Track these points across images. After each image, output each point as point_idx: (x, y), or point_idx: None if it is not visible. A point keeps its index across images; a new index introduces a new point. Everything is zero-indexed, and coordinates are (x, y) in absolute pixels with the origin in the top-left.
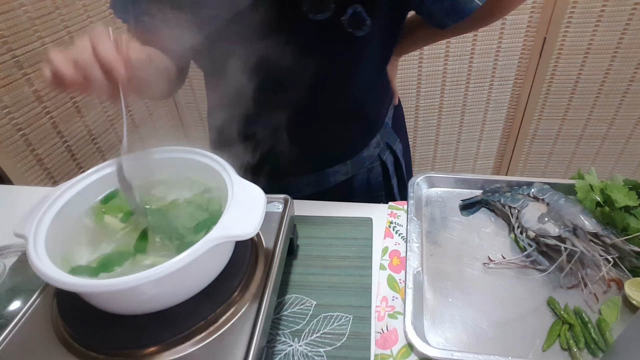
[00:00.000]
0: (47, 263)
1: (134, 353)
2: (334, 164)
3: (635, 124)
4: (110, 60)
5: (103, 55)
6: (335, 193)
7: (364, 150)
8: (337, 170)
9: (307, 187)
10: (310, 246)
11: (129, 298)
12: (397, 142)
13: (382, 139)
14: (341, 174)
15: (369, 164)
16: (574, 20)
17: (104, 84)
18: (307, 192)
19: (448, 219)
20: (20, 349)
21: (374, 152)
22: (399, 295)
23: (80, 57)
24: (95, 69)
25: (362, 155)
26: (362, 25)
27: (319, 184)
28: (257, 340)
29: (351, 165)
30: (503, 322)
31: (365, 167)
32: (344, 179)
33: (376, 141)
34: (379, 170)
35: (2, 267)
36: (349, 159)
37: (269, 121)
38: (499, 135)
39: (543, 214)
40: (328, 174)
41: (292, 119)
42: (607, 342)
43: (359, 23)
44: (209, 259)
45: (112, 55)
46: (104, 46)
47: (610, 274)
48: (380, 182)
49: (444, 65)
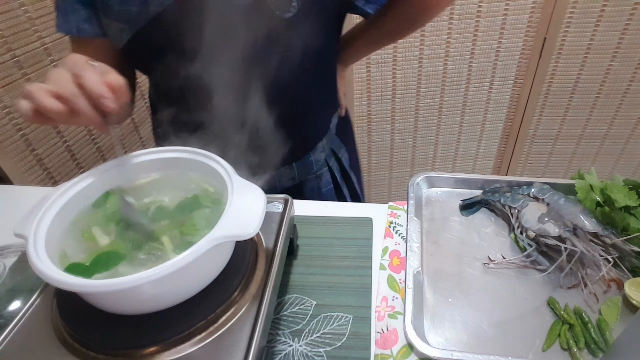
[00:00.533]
0: (47, 263)
1: (134, 353)
2: (279, 165)
3: (635, 124)
4: (99, 90)
5: (90, 85)
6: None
7: (310, 154)
8: (282, 174)
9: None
10: (310, 246)
11: (129, 298)
12: (343, 150)
13: (327, 144)
14: (288, 179)
15: (317, 169)
16: (574, 20)
17: (92, 115)
18: None
19: (448, 219)
20: (20, 349)
21: (321, 157)
22: (399, 295)
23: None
24: (82, 100)
25: (308, 159)
26: (288, 7)
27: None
28: (257, 340)
29: (297, 170)
30: (503, 322)
31: (313, 173)
32: (292, 185)
33: (322, 145)
34: (327, 177)
35: (2, 267)
36: (294, 161)
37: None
38: (499, 135)
39: (543, 214)
40: (274, 179)
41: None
42: (607, 342)
43: (285, 5)
44: (209, 259)
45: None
46: (87, 74)
47: (610, 274)
48: (331, 190)
49: (444, 65)
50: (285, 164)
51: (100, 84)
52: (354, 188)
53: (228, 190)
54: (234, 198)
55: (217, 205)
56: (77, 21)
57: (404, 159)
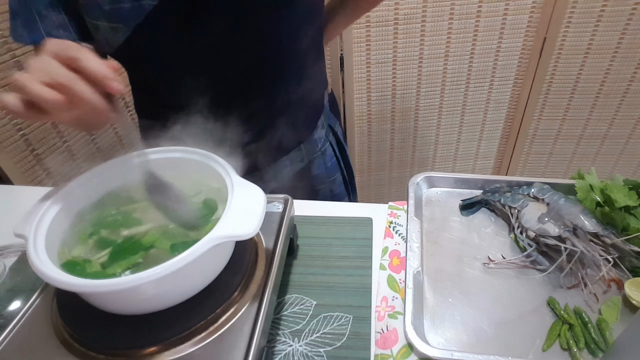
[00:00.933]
0: (47, 263)
1: (134, 353)
2: (289, 150)
3: (635, 124)
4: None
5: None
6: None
7: (314, 132)
8: (293, 158)
9: (266, 183)
10: (310, 246)
11: (129, 298)
12: (337, 124)
13: (325, 120)
14: (297, 161)
15: (321, 145)
16: (574, 20)
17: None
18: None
19: (448, 219)
20: (20, 349)
21: (322, 134)
22: (399, 295)
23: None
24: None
25: (313, 138)
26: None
27: (276, 176)
28: (257, 340)
29: (305, 149)
30: (503, 322)
31: (318, 150)
32: (301, 167)
33: (321, 122)
34: (330, 151)
35: (2, 267)
36: (302, 142)
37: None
38: (499, 135)
39: (543, 214)
40: (286, 164)
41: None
42: (607, 342)
43: None
44: (209, 259)
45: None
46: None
47: (610, 274)
48: (335, 164)
49: (444, 65)
50: (295, 147)
51: (102, 65)
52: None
53: (228, 190)
54: (234, 198)
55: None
56: (48, 28)
57: (404, 159)
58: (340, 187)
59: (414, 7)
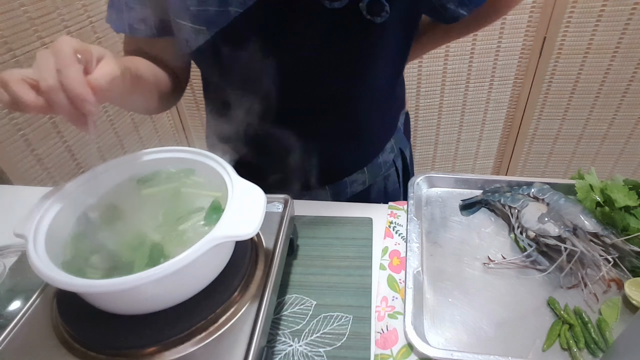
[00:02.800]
0: (47, 263)
1: (134, 353)
2: (352, 171)
3: (635, 123)
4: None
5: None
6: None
7: (379, 156)
8: (354, 180)
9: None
10: (310, 246)
11: (129, 298)
12: (408, 148)
13: (396, 144)
14: (358, 184)
15: (385, 170)
16: (573, 20)
17: (71, 111)
18: None
19: (448, 219)
20: (20, 349)
21: (389, 158)
22: (399, 295)
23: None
24: (61, 97)
25: (378, 162)
26: (381, 12)
27: (335, 196)
28: (257, 340)
29: (368, 173)
30: (503, 322)
31: (381, 175)
32: (361, 190)
33: (390, 146)
34: (394, 177)
35: (2, 267)
36: (365, 165)
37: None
38: (498, 135)
39: (543, 214)
40: (346, 184)
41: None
42: (607, 342)
43: (377, 9)
44: (209, 259)
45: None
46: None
47: (610, 274)
48: (397, 190)
49: (443, 65)
50: (358, 169)
51: (81, 84)
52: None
53: (228, 190)
54: (234, 198)
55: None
56: (131, 20)
57: None
58: None
59: None
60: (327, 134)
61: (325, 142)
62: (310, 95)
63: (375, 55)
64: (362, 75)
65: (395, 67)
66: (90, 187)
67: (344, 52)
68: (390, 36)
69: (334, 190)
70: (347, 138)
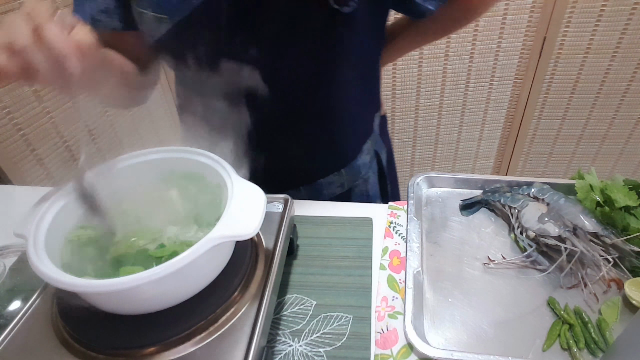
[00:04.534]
0: (47, 263)
1: (134, 353)
2: (327, 173)
3: (635, 123)
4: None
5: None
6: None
7: (358, 158)
8: (330, 182)
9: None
10: (310, 246)
11: (129, 298)
12: (384, 151)
13: (372, 145)
14: (336, 186)
15: (364, 173)
16: (573, 20)
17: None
18: None
19: (448, 219)
20: (20, 349)
21: (367, 159)
22: (399, 295)
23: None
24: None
25: (356, 164)
26: (348, 1)
27: (311, 198)
28: (257, 340)
29: (346, 175)
30: (503, 322)
31: (361, 178)
32: (340, 193)
33: (367, 147)
34: (374, 180)
35: (2, 267)
36: (342, 167)
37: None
38: (498, 135)
39: (543, 214)
40: (321, 186)
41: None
42: (607, 342)
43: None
44: (209, 259)
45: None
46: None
47: (610, 274)
48: (376, 193)
49: (443, 65)
50: (334, 171)
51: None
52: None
53: (228, 190)
54: (234, 198)
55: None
56: (92, 10)
57: (404, 159)
58: None
59: None
60: (297, 131)
61: (296, 140)
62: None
63: (344, 49)
64: (331, 69)
65: (366, 65)
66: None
67: (309, 43)
68: (358, 29)
69: (309, 192)
70: (319, 137)
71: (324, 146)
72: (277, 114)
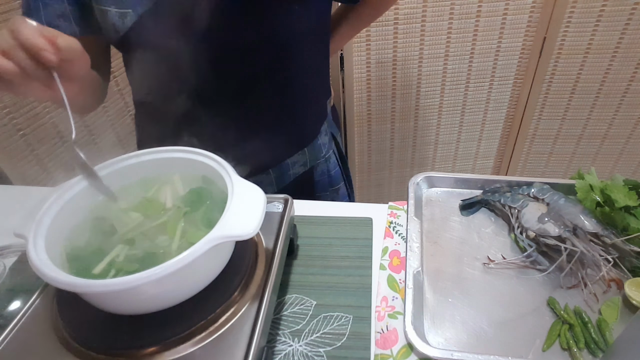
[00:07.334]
0: (47, 263)
1: (134, 353)
2: (292, 152)
3: (635, 123)
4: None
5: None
6: (298, 189)
7: (318, 137)
8: (295, 161)
9: (268, 186)
10: (310, 246)
11: (129, 298)
12: (339, 134)
13: (327, 128)
14: (299, 165)
15: (325, 152)
16: (573, 20)
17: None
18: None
19: (448, 219)
20: (20, 349)
21: (326, 140)
22: (399, 295)
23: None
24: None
25: (317, 143)
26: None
27: (279, 179)
28: (257, 340)
29: (309, 154)
30: (503, 322)
31: (322, 157)
32: (303, 172)
33: (324, 129)
34: (334, 159)
35: (2, 267)
36: (305, 146)
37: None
38: (498, 135)
39: (543, 214)
40: (288, 166)
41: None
42: (607, 342)
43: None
44: (209, 259)
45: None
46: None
47: (610, 274)
48: (338, 173)
49: (443, 65)
50: (298, 150)
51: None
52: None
53: (228, 190)
54: (233, 198)
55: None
56: (49, 17)
57: (404, 159)
58: (344, 197)
59: (414, 6)
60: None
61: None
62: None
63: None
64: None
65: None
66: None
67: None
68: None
69: (277, 174)
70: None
71: (287, 124)
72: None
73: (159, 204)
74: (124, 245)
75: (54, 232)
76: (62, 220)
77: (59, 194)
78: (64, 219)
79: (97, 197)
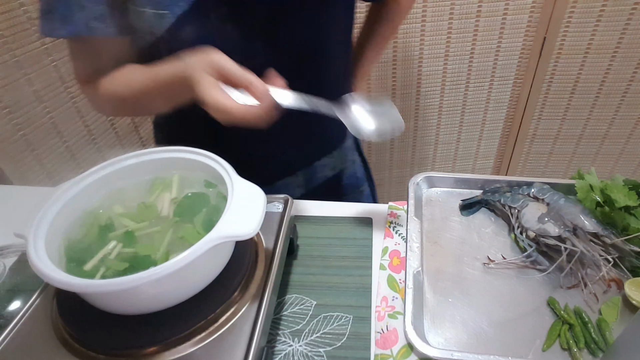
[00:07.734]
0: (47, 263)
1: (134, 353)
2: (321, 155)
3: (635, 123)
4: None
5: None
6: (325, 192)
7: (345, 141)
8: (324, 164)
9: (297, 188)
10: (310, 246)
11: (129, 298)
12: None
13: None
14: (329, 168)
15: (351, 155)
16: (573, 20)
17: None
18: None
19: (448, 219)
20: (20, 349)
21: (350, 143)
22: (399, 295)
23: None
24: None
25: (345, 146)
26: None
27: (307, 182)
28: (257, 340)
29: (338, 158)
30: (503, 322)
31: (350, 159)
32: (332, 175)
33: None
34: (359, 162)
35: (2, 267)
36: (334, 149)
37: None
38: (498, 135)
39: (543, 214)
40: (316, 169)
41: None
42: (607, 342)
43: None
44: (209, 259)
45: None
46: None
47: (610, 274)
48: (363, 174)
49: (443, 65)
50: (327, 153)
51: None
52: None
53: (228, 190)
54: (234, 198)
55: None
56: (87, 19)
57: (404, 159)
58: (369, 198)
59: (414, 6)
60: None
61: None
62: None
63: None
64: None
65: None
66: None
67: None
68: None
69: (306, 177)
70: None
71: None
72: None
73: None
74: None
75: (53, 233)
76: (62, 221)
77: (59, 194)
78: (63, 219)
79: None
